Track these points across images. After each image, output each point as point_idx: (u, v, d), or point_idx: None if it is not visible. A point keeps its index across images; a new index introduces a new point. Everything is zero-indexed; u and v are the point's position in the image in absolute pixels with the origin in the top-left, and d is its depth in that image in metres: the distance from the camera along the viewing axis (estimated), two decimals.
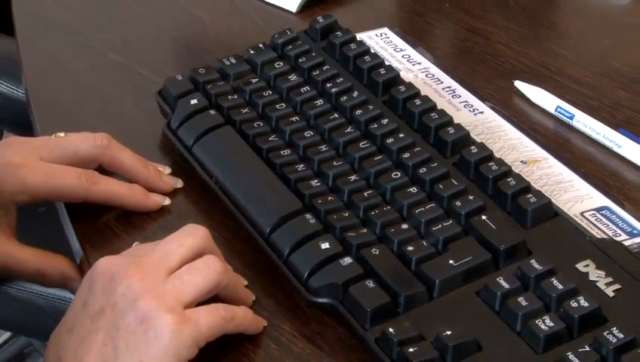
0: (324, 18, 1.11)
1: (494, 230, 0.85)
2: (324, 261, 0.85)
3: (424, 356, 0.75)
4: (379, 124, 0.97)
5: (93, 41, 1.24)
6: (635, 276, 0.81)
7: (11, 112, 1.37)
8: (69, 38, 1.25)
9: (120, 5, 1.31)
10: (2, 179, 0.95)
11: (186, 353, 0.77)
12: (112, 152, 0.97)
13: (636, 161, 0.99)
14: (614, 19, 1.26)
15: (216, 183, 0.96)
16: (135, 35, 1.25)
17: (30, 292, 1.41)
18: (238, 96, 1.03)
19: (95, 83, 1.17)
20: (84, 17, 1.29)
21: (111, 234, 0.95)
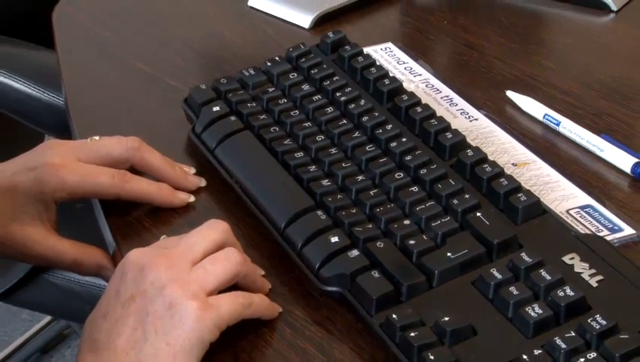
0: (334, 33, 1.11)
1: (488, 226, 0.85)
2: (334, 253, 0.84)
3: (424, 340, 0.75)
4: (383, 129, 0.96)
5: (126, 54, 1.23)
6: (617, 268, 0.81)
7: (52, 118, 1.36)
8: (103, 51, 1.25)
9: (149, 23, 1.30)
10: (43, 178, 0.95)
11: (208, 336, 0.77)
12: (142, 154, 0.97)
13: (617, 163, 0.99)
14: (597, 36, 1.25)
15: (236, 182, 0.96)
16: (163, 49, 1.24)
17: (68, 280, 1.41)
18: (256, 103, 1.03)
19: (127, 92, 1.17)
20: (117, 33, 1.28)
21: (141, 228, 0.95)
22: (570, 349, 0.73)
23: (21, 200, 0.96)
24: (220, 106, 1.02)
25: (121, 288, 0.80)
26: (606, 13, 1.27)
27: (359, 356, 0.80)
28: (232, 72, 1.07)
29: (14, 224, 0.96)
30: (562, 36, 1.27)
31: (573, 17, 1.28)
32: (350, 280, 0.82)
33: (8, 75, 1.39)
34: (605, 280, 0.79)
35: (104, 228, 0.97)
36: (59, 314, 1.97)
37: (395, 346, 0.77)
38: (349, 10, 1.30)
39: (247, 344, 0.81)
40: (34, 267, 1.40)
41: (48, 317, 2.23)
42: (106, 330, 0.79)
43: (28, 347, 2.22)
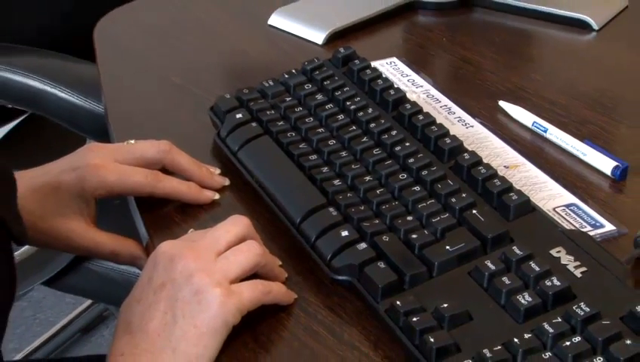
0: (344, 49, 1.10)
1: (483, 222, 0.84)
2: (344, 246, 0.84)
3: (425, 324, 0.75)
4: (389, 135, 0.95)
5: (159, 67, 1.23)
6: (599, 261, 0.80)
7: (93, 124, 1.36)
8: (139, 65, 1.25)
9: (180, 40, 1.30)
10: (85, 177, 0.95)
11: (231, 319, 0.77)
12: (172, 156, 0.96)
13: (598, 166, 0.98)
14: (580, 52, 1.25)
15: (256, 182, 0.95)
16: (192, 62, 1.24)
17: (107, 268, 1.41)
18: (274, 111, 1.02)
19: (159, 101, 1.16)
20: (151, 49, 1.28)
21: (171, 222, 0.95)
22: (557, 333, 0.72)
23: (65, 197, 0.96)
24: (242, 114, 1.02)
25: (153, 276, 0.80)
26: (588, 31, 1.26)
27: (366, 338, 0.79)
28: (253, 83, 1.07)
29: (59, 218, 0.96)
30: (549, 52, 1.26)
31: (559, 35, 1.27)
32: (358, 270, 0.82)
33: (54, 85, 1.39)
34: (589, 272, 0.79)
35: (138, 223, 0.97)
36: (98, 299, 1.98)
37: (399, 330, 0.76)
38: (358, 28, 1.29)
39: (266, 327, 0.81)
40: (76, 256, 1.40)
41: (89, 301, 2.23)
42: (140, 314, 0.79)
43: (71, 327, 2.23)
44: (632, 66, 1.20)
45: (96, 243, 0.98)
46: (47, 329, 2.20)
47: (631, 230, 0.88)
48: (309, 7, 1.33)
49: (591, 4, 1.30)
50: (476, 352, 0.72)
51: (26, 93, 1.41)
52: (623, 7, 1.31)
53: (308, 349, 0.79)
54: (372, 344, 0.79)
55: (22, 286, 1.48)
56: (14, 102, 1.44)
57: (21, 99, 1.42)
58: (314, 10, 1.32)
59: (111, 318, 2.24)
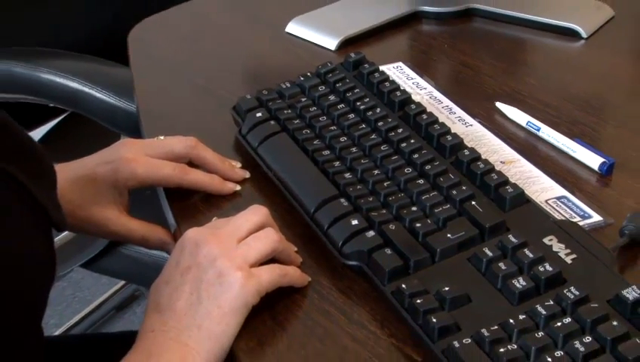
0: (355, 54, 1.09)
1: (481, 212, 0.84)
2: (354, 233, 0.83)
3: (428, 305, 0.75)
4: (395, 132, 0.95)
5: (186, 71, 1.23)
6: (588, 248, 0.79)
7: (126, 121, 1.36)
8: (168, 69, 1.24)
9: (205, 46, 1.30)
10: (118, 169, 0.95)
11: (251, 300, 0.77)
12: (198, 151, 0.96)
13: (587, 162, 0.97)
14: (571, 58, 1.24)
15: (274, 175, 0.95)
16: (216, 66, 1.23)
17: (138, 252, 1.41)
18: (291, 111, 1.01)
19: (186, 101, 1.16)
20: (179, 54, 1.28)
21: (197, 211, 0.94)
22: (549, 315, 0.72)
23: (101, 187, 0.96)
24: (261, 113, 1.01)
25: (180, 260, 0.80)
26: (578, 39, 1.25)
27: (374, 318, 0.79)
28: (271, 84, 1.06)
29: (95, 207, 0.96)
30: (542, 58, 1.25)
31: (551, 43, 1.26)
32: (367, 256, 0.81)
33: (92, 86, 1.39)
34: (578, 258, 0.78)
35: (167, 211, 0.96)
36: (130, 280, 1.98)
37: (404, 310, 0.76)
38: (368, 36, 1.28)
39: (283, 307, 0.81)
40: (111, 242, 1.40)
41: (122, 282, 2.23)
42: (168, 294, 0.79)
43: (106, 305, 2.23)
44: (618, 72, 1.19)
45: (129, 230, 0.98)
46: (84, 307, 2.21)
47: (616, 220, 0.87)
48: (323, 16, 1.32)
49: (580, 14, 1.29)
50: (475, 331, 0.72)
51: (66, 93, 1.41)
52: (609, 16, 1.30)
53: (321, 327, 0.78)
54: (379, 323, 0.78)
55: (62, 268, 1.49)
56: (56, 102, 1.44)
57: (62, 99, 1.43)
58: (327, 19, 1.31)
59: (142, 298, 2.24)
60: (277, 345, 0.77)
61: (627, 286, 0.73)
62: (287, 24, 1.30)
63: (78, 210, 0.95)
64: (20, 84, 1.43)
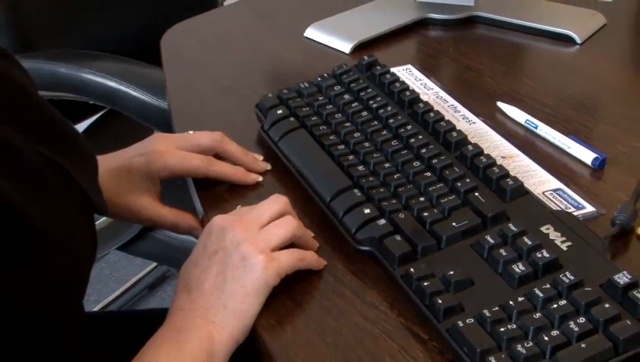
0: (368, 57, 1.08)
1: (484, 203, 0.83)
2: (366, 221, 0.83)
3: (434, 288, 0.74)
4: (405, 129, 0.94)
5: (213, 72, 1.22)
6: (582, 236, 0.79)
7: (158, 117, 1.36)
8: (197, 70, 1.24)
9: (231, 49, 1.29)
10: (151, 161, 0.94)
11: (272, 281, 0.77)
12: (224, 145, 0.96)
13: (581, 157, 0.96)
14: (566, 62, 1.23)
15: (294, 167, 0.94)
16: (240, 68, 1.23)
17: (169, 237, 1.41)
18: (309, 108, 1.01)
19: (214, 99, 1.15)
20: (207, 57, 1.27)
21: (222, 200, 0.94)
22: (546, 297, 0.71)
23: (136, 177, 0.96)
24: (282, 110, 1.01)
25: (208, 244, 0.80)
26: (572, 45, 1.24)
27: (384, 299, 0.78)
28: (291, 84, 1.06)
29: (131, 195, 0.96)
30: (539, 62, 1.24)
31: (548, 48, 1.26)
32: (378, 242, 0.81)
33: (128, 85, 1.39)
34: (573, 246, 0.77)
35: (195, 200, 0.96)
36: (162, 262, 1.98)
37: (413, 292, 0.75)
38: (380, 40, 1.28)
39: (300, 288, 0.80)
40: (144, 227, 1.40)
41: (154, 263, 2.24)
42: (196, 276, 0.79)
43: (140, 284, 2.24)
44: (610, 75, 1.18)
45: (161, 216, 0.98)
46: (120, 285, 2.22)
47: (608, 211, 0.87)
48: (338, 22, 1.32)
49: (575, 22, 1.28)
50: (477, 312, 0.71)
51: (105, 91, 1.41)
52: (602, 24, 1.29)
53: (335, 307, 0.78)
54: (389, 304, 0.78)
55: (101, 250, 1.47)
56: (95, 100, 1.44)
57: (101, 97, 1.43)
58: (342, 25, 1.31)
59: (172, 278, 2.25)
60: (295, 322, 0.77)
61: (618, 271, 0.72)
62: (306, 29, 1.30)
63: (115, 197, 0.95)
64: (64, 83, 1.43)
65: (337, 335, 0.75)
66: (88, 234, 0.77)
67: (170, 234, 1.40)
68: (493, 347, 0.68)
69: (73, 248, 0.72)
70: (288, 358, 0.73)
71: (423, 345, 0.73)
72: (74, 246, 0.72)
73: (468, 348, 0.69)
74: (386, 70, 1.05)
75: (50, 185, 0.70)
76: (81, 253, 0.74)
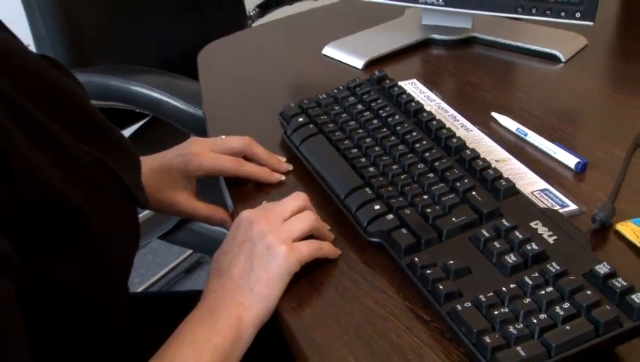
0: (378, 72, 1.07)
1: (480, 201, 0.82)
2: (376, 216, 0.82)
3: (436, 276, 0.73)
4: (410, 135, 0.93)
5: (243, 85, 1.21)
6: (566, 231, 0.78)
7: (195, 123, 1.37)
8: (229, 83, 1.23)
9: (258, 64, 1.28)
10: (188, 162, 0.94)
11: (293, 268, 0.77)
12: (252, 148, 0.95)
13: (565, 162, 0.95)
14: (552, 78, 1.22)
15: (313, 168, 0.93)
16: (266, 81, 1.22)
17: (203, 228, 1.42)
18: (326, 117, 1.00)
19: (243, 108, 1.14)
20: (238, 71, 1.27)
21: (250, 196, 0.93)
22: (534, 285, 0.70)
23: (175, 176, 0.95)
24: (302, 118, 1.00)
25: (237, 235, 0.79)
26: (558, 63, 1.24)
27: (392, 284, 0.77)
28: (311, 96, 1.05)
29: (170, 191, 0.96)
30: (528, 77, 1.23)
31: (536, 65, 1.25)
32: (387, 234, 0.80)
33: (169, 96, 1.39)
34: (559, 239, 0.76)
35: (226, 196, 0.95)
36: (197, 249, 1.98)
37: (417, 279, 0.75)
38: (388, 58, 1.27)
39: (318, 274, 0.79)
40: (182, 219, 1.40)
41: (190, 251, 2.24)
42: (227, 263, 0.78)
43: (177, 269, 2.24)
44: (590, 89, 1.17)
45: (196, 210, 0.97)
46: (160, 269, 2.22)
47: (589, 209, 0.86)
48: (352, 42, 1.31)
49: (560, 43, 1.28)
50: (474, 297, 0.70)
51: (149, 101, 1.41)
52: (584, 45, 1.29)
53: (348, 291, 0.77)
54: (396, 289, 0.77)
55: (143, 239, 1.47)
56: (141, 108, 1.44)
57: (145, 106, 1.43)
58: (355, 44, 1.30)
59: (205, 263, 2.25)
60: (313, 305, 0.76)
61: (599, 262, 0.71)
62: (324, 48, 1.30)
63: (156, 193, 0.95)
64: (114, 94, 1.43)
65: (350, 316, 0.74)
66: (132, 225, 0.77)
67: (204, 225, 1.40)
68: (488, 328, 0.67)
69: (119, 237, 0.72)
70: (307, 336, 0.72)
71: (426, 326, 0.72)
72: (119, 236, 0.72)
73: (466, 329, 0.68)
74: (394, 84, 1.04)
75: (97, 181, 0.70)
76: (125, 242, 0.74)
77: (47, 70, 0.72)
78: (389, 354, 0.69)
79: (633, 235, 0.81)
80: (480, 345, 0.66)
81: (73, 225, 0.64)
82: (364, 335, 0.71)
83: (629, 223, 0.83)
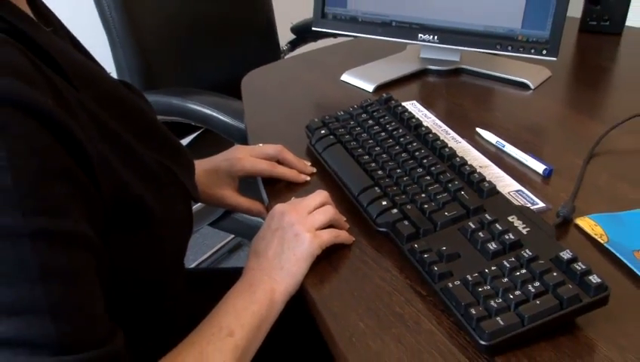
0: (386, 95, 1.06)
1: (467, 199, 0.80)
2: (384, 210, 0.80)
3: (432, 259, 0.72)
4: (412, 145, 0.91)
5: (277, 104, 1.20)
6: (536, 224, 0.75)
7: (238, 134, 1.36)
8: (266, 102, 1.21)
9: (289, 88, 1.27)
10: (233, 165, 0.94)
11: (316, 251, 0.75)
12: (283, 154, 0.94)
13: (535, 168, 0.93)
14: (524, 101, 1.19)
15: (332, 171, 0.92)
16: (296, 101, 1.20)
17: (244, 217, 1.42)
18: (343, 130, 0.98)
19: (276, 122, 1.13)
20: (273, 93, 1.25)
21: (281, 193, 0.91)
22: (511, 267, 0.68)
23: (221, 176, 0.95)
24: (324, 130, 0.99)
25: (271, 224, 0.78)
26: (528, 89, 1.22)
27: (396, 266, 0.76)
28: (331, 113, 1.03)
29: (217, 188, 0.95)
30: (505, 100, 1.21)
31: (511, 91, 1.23)
32: (392, 225, 0.78)
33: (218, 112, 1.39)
34: (531, 231, 0.74)
35: (262, 192, 0.94)
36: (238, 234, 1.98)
37: (416, 262, 0.73)
38: (394, 83, 1.25)
39: (336, 257, 0.78)
40: (226, 210, 1.40)
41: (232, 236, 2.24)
42: (263, 246, 0.77)
43: (222, 250, 2.24)
44: (554, 111, 1.14)
45: (238, 203, 0.97)
46: (208, 250, 2.22)
47: (554, 206, 0.84)
48: (364, 70, 1.30)
49: (529, 74, 1.26)
50: (462, 277, 0.68)
51: (201, 116, 1.41)
52: (548, 76, 1.28)
53: (360, 271, 0.75)
54: (399, 269, 0.75)
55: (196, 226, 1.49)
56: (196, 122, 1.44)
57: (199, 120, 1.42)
58: (367, 72, 1.29)
59: (244, 246, 2.25)
60: (332, 281, 0.74)
61: (563, 249, 0.69)
62: (342, 75, 1.29)
63: (206, 189, 0.95)
64: (175, 110, 1.43)
65: (362, 290, 0.72)
66: (187, 215, 0.76)
67: (244, 215, 1.40)
68: (474, 302, 0.65)
69: (177, 225, 0.71)
70: (326, 307, 0.70)
71: (423, 299, 0.70)
72: (177, 224, 0.71)
73: (455, 302, 0.66)
74: (399, 104, 1.03)
75: (161, 180, 0.69)
76: (182, 228, 0.74)
77: (124, 92, 0.71)
78: (393, 322, 0.68)
79: (589, 228, 0.79)
80: (467, 315, 0.64)
81: (141, 215, 0.63)
82: (373, 306, 0.70)
83: (586, 218, 0.81)
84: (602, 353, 0.63)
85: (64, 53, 0.61)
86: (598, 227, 0.79)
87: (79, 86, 0.60)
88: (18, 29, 0.56)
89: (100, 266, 0.56)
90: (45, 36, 0.60)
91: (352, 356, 0.64)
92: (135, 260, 0.64)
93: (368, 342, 0.65)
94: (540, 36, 1.17)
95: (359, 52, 1.43)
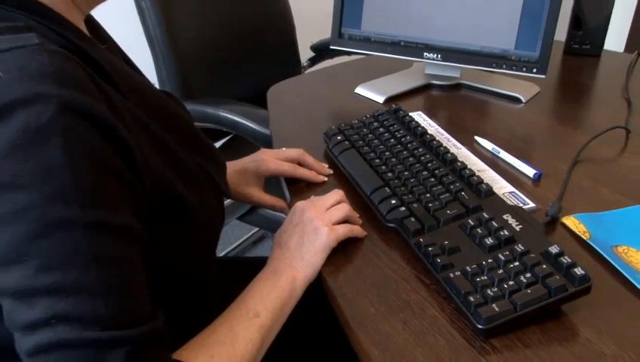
0: (395, 105, 1.05)
1: (467, 199, 0.79)
2: (392, 208, 0.80)
3: (435, 252, 0.71)
4: (417, 151, 0.90)
5: (299, 114, 1.19)
6: (528, 221, 0.74)
7: (264, 140, 1.35)
8: (289, 112, 1.21)
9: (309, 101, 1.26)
10: (259, 165, 0.93)
11: (332, 244, 0.75)
12: (304, 157, 0.94)
13: (526, 172, 0.92)
14: (517, 113, 1.18)
15: (347, 172, 0.91)
16: (316, 110, 1.20)
17: (268, 213, 1.41)
18: (357, 136, 0.97)
19: (298, 130, 1.12)
20: (295, 104, 1.25)
21: (302, 191, 0.91)
22: (506, 260, 0.68)
23: (248, 175, 0.94)
24: (340, 137, 0.98)
25: (292, 219, 0.77)
26: (520, 103, 1.20)
27: (403, 258, 0.75)
28: (346, 121, 1.03)
29: (245, 187, 0.95)
30: (500, 112, 1.19)
31: (505, 104, 1.21)
32: (400, 221, 0.77)
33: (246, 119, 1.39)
34: (523, 228, 0.73)
35: (285, 190, 0.94)
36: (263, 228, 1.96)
37: (421, 254, 0.72)
38: (402, 95, 1.24)
39: (350, 249, 0.77)
40: (252, 206, 1.39)
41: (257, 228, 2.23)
42: (285, 238, 0.76)
43: (248, 240, 2.24)
44: (543, 122, 1.13)
45: (264, 200, 0.96)
46: (236, 240, 2.22)
47: (543, 206, 0.83)
48: (376, 84, 1.29)
49: (521, 89, 1.25)
50: (462, 268, 0.68)
51: (232, 123, 1.41)
52: (537, 91, 1.26)
53: (372, 262, 0.75)
54: (406, 261, 0.74)
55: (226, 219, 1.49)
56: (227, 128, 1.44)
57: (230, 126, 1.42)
58: (379, 86, 1.28)
59: (268, 238, 2.24)
60: (346, 270, 0.74)
61: (551, 245, 0.68)
62: (356, 88, 1.28)
63: (236, 187, 0.94)
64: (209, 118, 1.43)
65: (373, 279, 0.72)
66: (219, 210, 0.76)
67: (268, 211, 1.39)
68: (472, 290, 0.65)
69: (210, 218, 0.71)
70: (342, 293, 0.70)
71: (427, 288, 0.70)
72: (211, 217, 0.71)
73: (456, 291, 0.65)
74: (406, 114, 1.02)
75: (198, 179, 0.69)
76: (215, 220, 0.73)
77: (166, 101, 0.71)
78: (400, 307, 0.67)
79: (574, 226, 0.78)
80: (466, 302, 0.64)
81: (180, 209, 0.63)
82: (383, 294, 0.69)
83: (571, 217, 0.80)
84: (584, 335, 0.62)
85: (115, 67, 0.61)
86: (581, 225, 0.78)
87: (128, 95, 0.60)
88: (77, 46, 0.57)
89: (145, 255, 0.56)
90: (100, 52, 0.60)
91: (364, 337, 0.63)
92: (175, 248, 0.64)
93: (378, 324, 0.65)
94: (530, 56, 1.16)
95: (371, 68, 1.42)
